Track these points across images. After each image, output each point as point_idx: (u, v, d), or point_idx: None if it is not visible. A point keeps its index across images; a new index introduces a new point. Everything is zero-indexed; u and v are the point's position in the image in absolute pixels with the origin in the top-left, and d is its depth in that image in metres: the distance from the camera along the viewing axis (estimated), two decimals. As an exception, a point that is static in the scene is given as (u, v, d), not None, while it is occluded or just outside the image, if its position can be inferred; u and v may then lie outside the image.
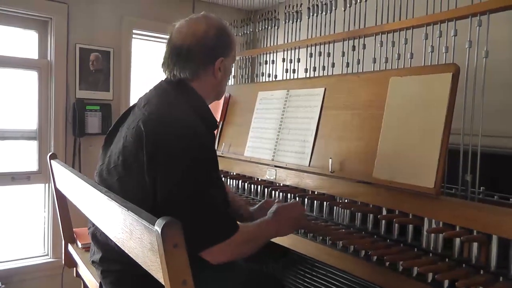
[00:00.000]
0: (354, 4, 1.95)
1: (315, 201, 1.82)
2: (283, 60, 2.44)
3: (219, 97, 1.58)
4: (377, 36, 1.85)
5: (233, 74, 2.98)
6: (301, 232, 1.69)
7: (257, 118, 2.27)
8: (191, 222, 1.17)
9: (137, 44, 3.46)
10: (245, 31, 2.85)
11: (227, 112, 2.57)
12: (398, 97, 1.54)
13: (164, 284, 0.85)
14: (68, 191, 1.67)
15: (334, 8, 2.10)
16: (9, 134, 2.99)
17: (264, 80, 2.62)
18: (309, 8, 2.23)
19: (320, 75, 2.14)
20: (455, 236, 1.29)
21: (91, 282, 1.68)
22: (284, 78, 2.39)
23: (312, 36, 2.22)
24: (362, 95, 1.70)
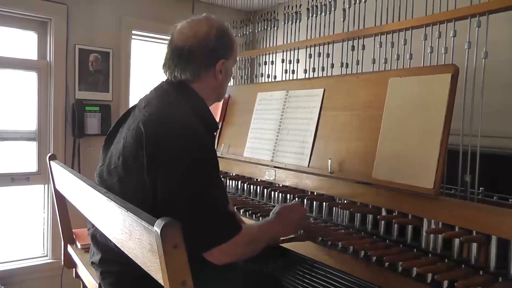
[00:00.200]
0: (354, 5, 1.96)
1: (315, 202, 1.82)
2: (282, 61, 2.44)
3: (220, 99, 1.57)
4: (376, 37, 1.85)
5: (233, 75, 2.98)
6: (300, 233, 1.69)
7: (257, 119, 2.27)
8: (192, 223, 1.17)
9: (137, 45, 3.47)
10: (245, 32, 2.85)
11: (227, 113, 2.57)
12: (398, 98, 1.54)
13: (164, 285, 0.85)
14: (68, 192, 1.67)
15: (334, 9, 2.10)
16: (9, 135, 2.99)
17: (264, 81, 2.62)
18: (308, 9, 2.23)
19: (319, 76, 2.14)
20: (455, 237, 1.29)
21: (91, 283, 1.68)
22: (284, 79, 2.39)
23: (311, 37, 2.22)
24: (361, 96, 1.71)
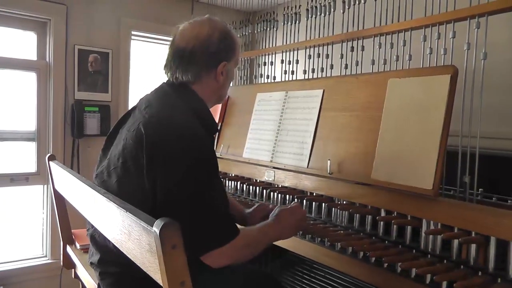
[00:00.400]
0: (353, 6, 1.96)
1: (314, 203, 1.82)
2: (282, 62, 2.44)
3: (221, 101, 1.56)
4: (376, 38, 1.85)
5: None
6: (300, 234, 1.69)
7: (256, 120, 2.27)
8: (191, 225, 1.16)
9: (136, 46, 3.47)
10: (244, 33, 2.85)
11: (226, 114, 2.57)
12: (397, 99, 1.54)
13: (163, 286, 0.84)
14: (67, 192, 1.67)
15: (333, 10, 2.10)
16: (8, 135, 2.99)
17: (263, 82, 2.62)
18: (308, 10, 2.23)
19: (319, 77, 2.14)
20: (454, 238, 1.29)
21: (90, 284, 1.67)
22: (283, 80, 2.39)
23: (311, 38, 2.22)
24: (361, 97, 1.71)
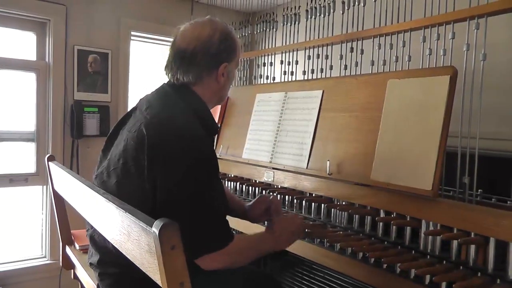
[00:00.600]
0: (352, 7, 1.96)
1: (313, 203, 1.82)
2: (281, 62, 2.44)
3: (221, 102, 1.56)
4: (375, 39, 1.85)
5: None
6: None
7: (255, 120, 2.27)
8: (189, 227, 1.16)
9: (135, 46, 3.47)
10: (244, 33, 2.86)
11: (225, 114, 2.57)
12: (396, 100, 1.54)
13: (162, 286, 0.84)
14: (66, 193, 1.67)
15: (332, 11, 2.10)
16: (7, 136, 2.99)
17: (262, 82, 2.62)
18: (307, 11, 2.23)
19: (318, 78, 2.14)
20: (453, 238, 1.30)
21: (89, 284, 1.67)
22: (282, 80, 2.39)
23: (310, 39, 2.22)
24: (360, 98, 1.71)
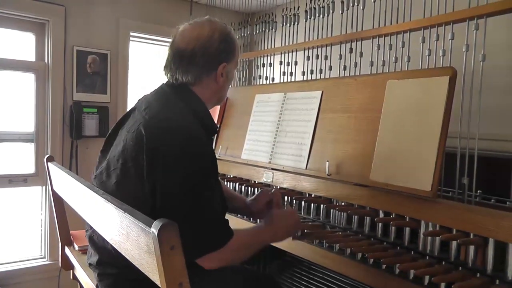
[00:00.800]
0: (352, 7, 1.96)
1: (312, 204, 1.82)
2: (281, 63, 2.44)
3: (220, 102, 1.57)
4: (375, 39, 1.85)
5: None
6: (298, 235, 1.68)
7: (254, 121, 2.27)
8: (189, 227, 1.17)
9: (135, 47, 3.47)
10: (243, 34, 2.86)
11: (225, 115, 2.57)
12: (395, 100, 1.54)
13: (161, 287, 0.84)
14: (65, 194, 1.67)
15: (332, 11, 2.11)
16: (6, 137, 2.99)
17: (262, 83, 2.62)
18: (307, 11, 2.24)
19: (317, 78, 2.14)
20: (452, 239, 1.29)
21: (88, 285, 1.67)
22: (282, 81, 2.39)
23: (310, 39, 2.23)
24: (359, 98, 1.71)
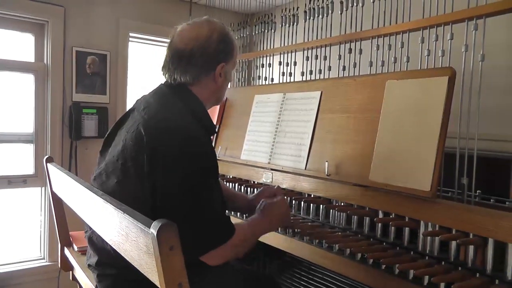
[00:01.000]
0: (351, 8, 1.96)
1: (311, 204, 1.82)
2: (280, 63, 2.44)
3: (219, 102, 1.57)
4: (374, 40, 1.85)
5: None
6: (298, 236, 1.68)
7: (254, 121, 2.27)
8: (191, 226, 1.17)
9: (134, 47, 3.47)
10: (242, 34, 2.86)
11: (224, 115, 2.57)
12: (394, 101, 1.54)
13: (160, 287, 0.84)
14: (65, 195, 1.66)
15: (331, 12, 2.11)
16: (6, 137, 2.98)
17: (261, 83, 2.62)
18: (306, 12, 2.24)
19: (317, 79, 2.14)
20: (451, 239, 1.29)
21: (87, 286, 1.67)
22: (281, 81, 2.39)
23: (309, 40, 2.23)
24: (359, 99, 1.71)
